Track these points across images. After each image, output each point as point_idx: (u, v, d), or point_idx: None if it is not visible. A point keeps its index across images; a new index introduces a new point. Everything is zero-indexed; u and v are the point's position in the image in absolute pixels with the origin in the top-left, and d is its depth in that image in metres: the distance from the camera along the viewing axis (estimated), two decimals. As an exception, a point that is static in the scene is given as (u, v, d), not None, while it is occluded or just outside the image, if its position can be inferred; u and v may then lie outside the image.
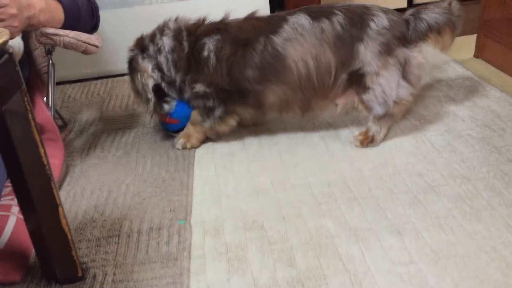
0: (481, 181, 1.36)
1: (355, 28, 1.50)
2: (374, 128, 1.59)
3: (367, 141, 1.60)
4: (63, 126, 1.88)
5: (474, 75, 2.02)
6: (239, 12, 2.40)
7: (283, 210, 1.34)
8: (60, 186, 1.53)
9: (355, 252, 1.16)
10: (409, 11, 1.57)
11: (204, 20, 1.64)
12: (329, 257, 1.15)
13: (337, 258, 1.15)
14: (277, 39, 1.52)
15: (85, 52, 1.54)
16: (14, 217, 1.25)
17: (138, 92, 1.66)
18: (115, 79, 2.36)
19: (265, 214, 1.33)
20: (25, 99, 0.95)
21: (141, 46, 1.64)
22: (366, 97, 1.55)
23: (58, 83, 2.33)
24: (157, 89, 1.63)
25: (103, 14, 2.08)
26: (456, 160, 1.47)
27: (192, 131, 1.68)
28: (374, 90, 1.52)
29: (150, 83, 1.61)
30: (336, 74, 1.53)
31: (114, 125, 1.90)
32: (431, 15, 1.53)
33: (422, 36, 1.54)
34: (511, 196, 1.29)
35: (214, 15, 2.40)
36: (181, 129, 1.72)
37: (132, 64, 1.65)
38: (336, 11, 1.53)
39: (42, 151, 1.00)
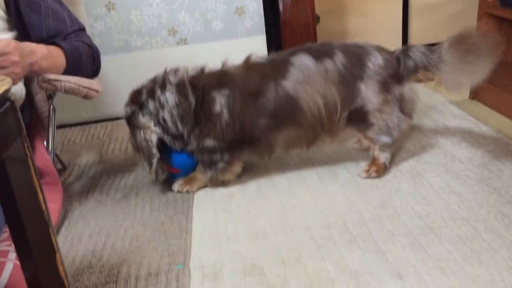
0: (481, 222, 1.36)
1: (355, 67, 1.56)
2: (383, 156, 1.66)
3: (382, 168, 1.65)
4: (63, 169, 1.89)
5: (471, 116, 2.05)
6: (238, 56, 2.46)
7: (282, 254, 1.32)
8: (58, 230, 1.52)
9: (356, 297, 1.14)
10: (400, 49, 1.64)
11: (203, 70, 1.63)
12: (330, 302, 1.14)
13: (338, 303, 1.13)
14: (287, 84, 1.54)
15: (85, 97, 1.56)
16: (11, 263, 1.24)
17: (138, 148, 1.62)
18: (115, 122, 2.39)
19: (265, 257, 1.31)
20: (25, 145, 0.95)
21: (139, 102, 1.60)
22: (371, 132, 1.61)
23: (59, 127, 2.35)
24: (160, 144, 1.61)
25: (105, 59, 2.12)
26: (455, 202, 1.46)
27: (195, 178, 1.69)
28: (379, 125, 1.59)
29: (154, 138, 1.58)
30: (341, 111, 1.58)
31: (113, 168, 1.91)
32: (419, 55, 1.60)
33: (412, 73, 1.61)
34: (511, 238, 1.28)
35: (213, 59, 2.45)
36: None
37: (132, 121, 1.62)
38: (336, 51, 1.58)
39: (41, 197, 1.00)
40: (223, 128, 1.56)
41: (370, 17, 3.09)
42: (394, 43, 3.17)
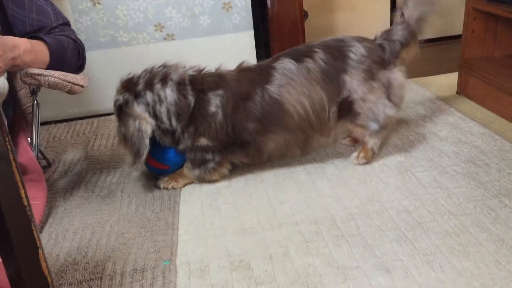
0: (468, 216, 1.36)
1: (337, 61, 1.57)
2: (372, 141, 1.68)
3: (370, 154, 1.69)
4: (47, 166, 1.86)
5: (457, 111, 2.05)
6: (226, 52, 2.45)
7: (270, 249, 1.31)
8: (42, 228, 1.49)
9: (343, 292, 1.14)
10: (379, 36, 1.66)
11: (201, 70, 1.62)
12: (317, 297, 1.13)
13: (326, 298, 1.12)
14: (272, 88, 1.57)
15: (70, 92, 1.54)
16: (-7, 261, 1.21)
17: (127, 139, 1.56)
18: (101, 118, 2.36)
19: (252, 253, 1.30)
20: (7, 139, 0.93)
21: (134, 91, 1.56)
22: (359, 121, 1.63)
23: (44, 123, 2.32)
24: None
25: (91, 55, 2.09)
26: (442, 196, 1.46)
27: (182, 175, 1.68)
28: (365, 113, 1.61)
29: (149, 130, 1.54)
30: (329, 108, 1.59)
31: (99, 164, 1.88)
32: (400, 34, 1.63)
33: (397, 55, 1.63)
34: (498, 232, 1.28)
35: (201, 55, 2.44)
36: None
37: (124, 109, 1.56)
38: (315, 49, 1.60)
39: (23, 192, 0.97)
40: (217, 128, 1.56)
41: (358, 13, 3.10)
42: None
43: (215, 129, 1.56)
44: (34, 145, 1.64)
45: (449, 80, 2.39)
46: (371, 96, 1.59)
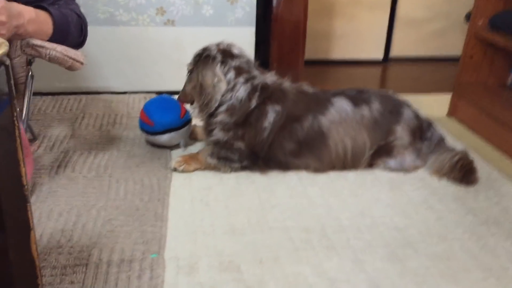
0: (457, 241, 1.38)
1: (392, 114, 1.70)
2: (380, 166, 1.75)
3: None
4: (33, 139, 1.80)
5: (448, 133, 2.08)
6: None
7: (260, 253, 1.30)
8: (25, 204, 1.44)
9: (333, 305, 1.13)
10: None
11: (281, 84, 1.70)
12: (307, 308, 1.12)
13: (315, 309, 1.12)
14: (323, 120, 1.66)
15: (70, 68, 1.48)
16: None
17: (202, 87, 1.62)
18: (90, 96, 2.29)
19: (242, 255, 1.29)
20: (14, 114, 0.89)
21: (227, 59, 1.63)
22: (391, 162, 1.73)
23: (29, 94, 2.23)
24: None
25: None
26: (432, 217, 1.48)
27: (196, 159, 1.69)
28: (397, 158, 1.72)
29: (223, 89, 1.60)
30: (368, 152, 1.69)
31: (86, 145, 1.83)
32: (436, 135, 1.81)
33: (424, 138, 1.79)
34: (486, 259, 1.30)
35: (197, 45, 2.40)
36: (151, 133, 1.75)
37: (210, 61, 1.62)
38: (373, 99, 1.70)
39: (23, 170, 0.93)
40: (259, 141, 1.64)
41: (356, 23, 3.10)
42: (376, 51, 3.21)
43: (258, 141, 1.64)
44: (23, 117, 1.57)
45: (440, 101, 2.42)
46: (410, 148, 1.72)
